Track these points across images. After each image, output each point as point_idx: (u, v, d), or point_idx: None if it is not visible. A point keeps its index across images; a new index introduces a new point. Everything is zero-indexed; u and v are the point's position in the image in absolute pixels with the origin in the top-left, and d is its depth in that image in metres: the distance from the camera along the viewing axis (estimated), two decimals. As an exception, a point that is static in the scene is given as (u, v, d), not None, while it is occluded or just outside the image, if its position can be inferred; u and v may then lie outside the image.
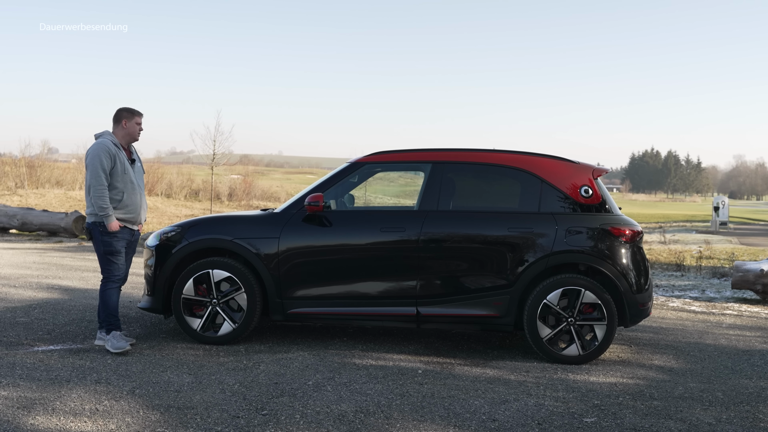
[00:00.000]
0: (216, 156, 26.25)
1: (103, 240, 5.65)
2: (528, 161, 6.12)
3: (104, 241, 5.65)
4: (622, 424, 4.38)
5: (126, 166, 5.70)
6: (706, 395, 5.06)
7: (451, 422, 4.33)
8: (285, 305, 6.00)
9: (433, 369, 5.52)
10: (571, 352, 5.79)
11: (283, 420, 4.26)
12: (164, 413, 4.32)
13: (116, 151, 5.65)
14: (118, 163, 5.63)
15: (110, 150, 5.61)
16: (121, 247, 5.71)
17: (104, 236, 5.64)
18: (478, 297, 5.89)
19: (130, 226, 5.78)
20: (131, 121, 5.79)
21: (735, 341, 6.97)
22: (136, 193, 5.76)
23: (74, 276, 9.86)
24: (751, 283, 9.52)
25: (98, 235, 5.65)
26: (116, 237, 5.65)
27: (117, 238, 5.66)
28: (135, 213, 5.77)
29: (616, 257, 5.85)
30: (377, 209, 6.65)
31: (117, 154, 5.64)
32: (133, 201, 5.73)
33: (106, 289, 5.69)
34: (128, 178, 5.70)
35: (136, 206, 5.77)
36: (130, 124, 5.79)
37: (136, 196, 5.75)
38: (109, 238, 5.64)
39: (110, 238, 5.64)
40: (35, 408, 4.31)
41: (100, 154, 5.56)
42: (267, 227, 6.06)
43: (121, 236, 5.68)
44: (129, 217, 5.73)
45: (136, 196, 5.75)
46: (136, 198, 5.75)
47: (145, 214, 5.96)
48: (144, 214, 5.93)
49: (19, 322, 6.70)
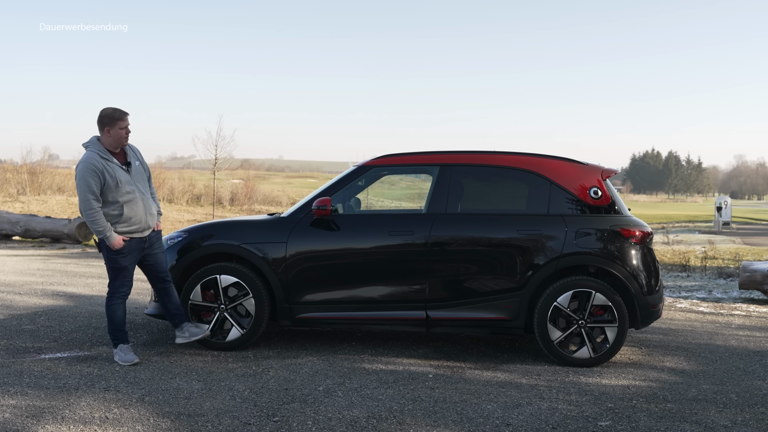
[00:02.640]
0: (218, 161, 26.24)
1: (110, 257, 5.48)
2: (536, 163, 6.08)
3: (110, 258, 5.48)
4: (637, 427, 4.34)
5: (118, 176, 5.36)
6: (720, 397, 5.02)
7: (464, 427, 4.29)
8: (293, 310, 5.96)
9: (443, 373, 5.47)
10: (582, 354, 5.74)
11: (295, 426, 4.22)
12: (175, 421, 4.28)
13: (104, 165, 5.32)
14: (108, 178, 5.31)
15: (96, 167, 5.29)
16: (129, 262, 5.50)
17: (110, 253, 5.46)
18: (488, 300, 5.84)
19: (138, 235, 5.53)
20: (114, 128, 5.40)
21: (745, 342, 6.92)
22: (136, 201, 5.45)
23: (79, 282, 9.82)
24: (758, 283, 9.48)
25: (105, 251, 5.47)
26: (122, 253, 5.45)
27: (123, 254, 5.45)
28: (139, 223, 5.48)
29: (626, 259, 5.81)
30: (385, 212, 6.61)
31: (105, 169, 5.32)
32: (135, 211, 5.43)
33: (111, 304, 5.54)
34: (123, 189, 5.37)
35: (139, 215, 5.47)
36: (113, 130, 5.41)
37: (137, 204, 5.45)
38: (115, 255, 5.45)
39: (116, 255, 5.45)
40: (44, 416, 4.27)
41: (86, 176, 5.27)
42: (274, 232, 6.03)
43: (128, 251, 5.47)
44: (133, 228, 5.48)
45: (137, 204, 5.45)
46: (137, 207, 5.45)
47: (153, 218, 5.64)
48: (152, 219, 5.60)
49: (25, 329, 6.66)
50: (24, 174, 32.66)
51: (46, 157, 45.15)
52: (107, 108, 5.50)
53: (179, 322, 5.76)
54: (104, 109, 5.51)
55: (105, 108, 5.52)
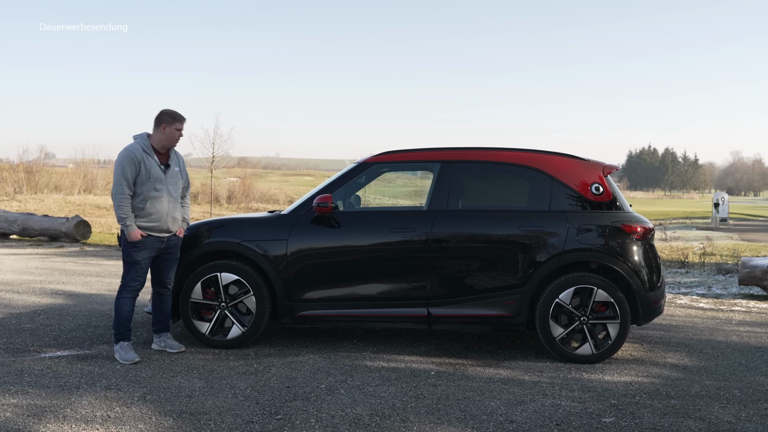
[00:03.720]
0: (215, 159, 26.18)
1: (125, 249, 5.55)
2: (538, 159, 6.06)
3: (125, 251, 5.55)
4: (641, 423, 4.33)
5: (153, 172, 5.49)
6: (723, 393, 5.01)
7: (468, 424, 4.27)
8: (294, 308, 5.94)
9: (445, 370, 5.46)
10: (584, 351, 5.73)
11: (298, 424, 4.20)
12: (177, 419, 4.25)
13: (143, 157, 5.47)
14: (143, 169, 5.45)
15: (135, 157, 5.44)
16: (143, 258, 5.53)
17: (127, 246, 5.52)
18: (490, 297, 5.83)
19: (157, 234, 5.56)
20: (171, 127, 5.58)
21: (746, 338, 6.92)
22: (162, 200, 5.53)
23: (78, 281, 9.79)
24: (758, 279, 9.48)
25: (123, 243, 5.56)
26: (137, 247, 5.49)
27: (138, 248, 5.49)
28: (160, 221, 5.54)
29: (628, 255, 5.80)
30: (386, 209, 6.57)
31: (143, 161, 5.46)
32: (158, 209, 5.51)
33: (120, 298, 5.58)
34: (153, 185, 5.48)
35: (162, 214, 5.53)
36: (169, 129, 5.58)
37: (162, 203, 5.52)
38: (130, 248, 5.51)
39: (131, 248, 5.50)
40: (46, 415, 4.25)
41: (124, 163, 5.43)
42: (275, 229, 6.00)
43: (143, 246, 5.50)
44: (153, 225, 5.53)
45: (162, 203, 5.52)
46: (161, 206, 5.52)
47: (176, 223, 5.69)
48: (174, 223, 5.66)
49: (25, 328, 6.63)
50: (21, 173, 32.61)
51: (42, 156, 45.08)
52: (169, 108, 5.70)
53: (161, 330, 5.88)
54: (166, 108, 5.71)
55: (167, 108, 5.75)
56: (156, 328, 5.88)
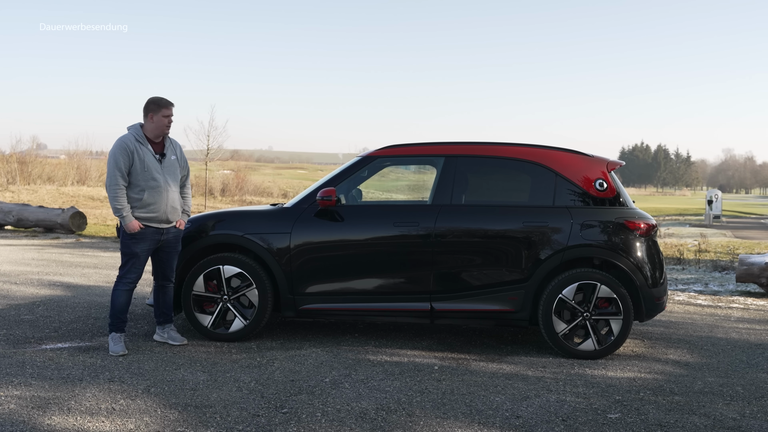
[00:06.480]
0: (210, 151, 26.09)
1: (123, 241, 5.49)
2: (542, 154, 6.05)
3: (124, 242, 5.49)
4: (646, 419, 4.33)
5: (148, 162, 5.42)
6: (726, 390, 5.02)
7: (474, 419, 4.27)
8: (297, 301, 5.92)
9: (449, 365, 5.45)
10: (587, 347, 5.73)
11: (304, 418, 4.19)
12: (183, 412, 4.24)
13: (136, 147, 5.40)
14: (136, 159, 5.38)
15: (128, 147, 5.37)
16: (142, 250, 5.48)
17: (125, 237, 5.46)
18: (493, 292, 5.82)
19: (156, 225, 5.50)
20: (158, 114, 5.48)
21: (746, 335, 6.94)
22: (160, 190, 5.45)
23: (75, 272, 9.74)
24: (755, 276, 9.51)
25: (121, 234, 5.50)
26: (136, 239, 5.43)
27: (136, 240, 5.43)
28: (159, 212, 5.47)
29: (631, 251, 5.80)
30: (390, 203, 6.56)
31: (137, 150, 5.39)
32: (156, 199, 5.45)
33: (116, 289, 5.53)
34: (150, 175, 5.41)
35: (161, 204, 5.46)
36: (157, 117, 5.48)
37: (160, 193, 5.45)
38: (128, 240, 5.45)
39: (129, 240, 5.44)
40: (50, 408, 4.22)
41: (116, 153, 5.36)
42: (278, 222, 5.97)
43: (142, 238, 5.45)
44: (152, 216, 5.46)
45: (160, 193, 5.45)
46: (160, 196, 5.45)
47: (176, 214, 5.63)
48: (173, 214, 5.59)
49: (24, 319, 6.59)
50: (14, 163, 32.42)
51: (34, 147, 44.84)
52: (155, 96, 5.60)
53: (164, 321, 5.86)
54: (152, 96, 5.60)
55: (153, 96, 5.61)
56: (160, 320, 5.85)
